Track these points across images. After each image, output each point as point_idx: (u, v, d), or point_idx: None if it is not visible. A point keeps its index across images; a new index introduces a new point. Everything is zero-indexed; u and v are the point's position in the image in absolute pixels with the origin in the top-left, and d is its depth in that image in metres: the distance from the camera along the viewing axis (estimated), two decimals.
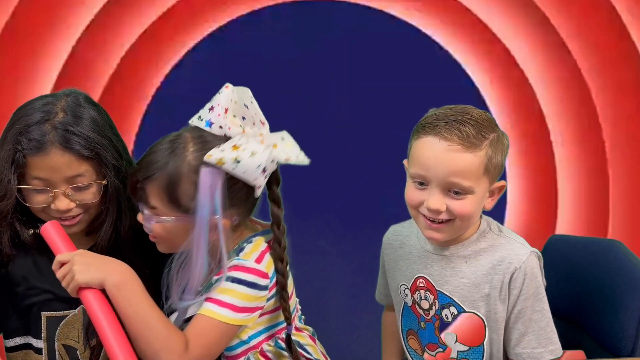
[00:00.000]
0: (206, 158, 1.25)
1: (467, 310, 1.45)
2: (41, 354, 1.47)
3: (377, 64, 2.46)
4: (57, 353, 1.47)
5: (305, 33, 2.45)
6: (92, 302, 1.21)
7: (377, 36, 2.47)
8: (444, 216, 1.40)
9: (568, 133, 2.46)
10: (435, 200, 1.39)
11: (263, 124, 1.33)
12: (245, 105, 1.33)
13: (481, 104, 2.47)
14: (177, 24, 2.48)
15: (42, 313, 1.45)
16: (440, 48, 2.46)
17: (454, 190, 1.39)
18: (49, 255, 1.45)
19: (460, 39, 2.46)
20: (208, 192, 1.25)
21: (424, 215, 1.43)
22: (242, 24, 2.48)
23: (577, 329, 1.65)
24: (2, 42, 2.43)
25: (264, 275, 1.31)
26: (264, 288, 1.31)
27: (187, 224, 1.27)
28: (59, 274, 1.28)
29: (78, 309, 1.47)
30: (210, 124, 1.31)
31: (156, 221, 1.30)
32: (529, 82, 2.45)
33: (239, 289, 1.29)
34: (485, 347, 1.46)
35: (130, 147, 2.47)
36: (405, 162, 1.49)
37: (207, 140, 1.29)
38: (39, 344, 1.46)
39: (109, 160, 1.40)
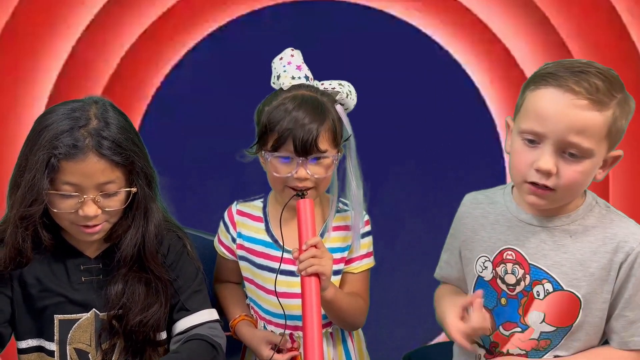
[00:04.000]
0: (338, 97, 1.54)
1: (565, 288, 1.34)
2: (54, 356, 1.46)
3: (377, 64, 2.46)
4: (68, 357, 1.46)
5: (305, 33, 2.44)
6: (314, 290, 1.42)
7: (377, 36, 2.46)
8: (550, 182, 1.26)
9: None
10: (547, 160, 1.25)
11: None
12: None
13: (481, 104, 2.47)
14: (177, 24, 2.48)
15: (55, 316, 1.45)
16: (440, 48, 2.46)
17: (569, 152, 1.25)
18: (65, 260, 1.47)
19: (460, 39, 2.46)
20: (347, 119, 1.54)
21: (528, 182, 1.29)
22: (242, 24, 2.48)
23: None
24: (2, 42, 2.43)
25: None
26: None
27: (337, 161, 1.53)
28: (307, 253, 1.42)
29: (90, 312, 1.46)
30: (307, 77, 1.56)
31: (332, 160, 1.51)
32: None
33: (371, 238, 1.62)
34: (573, 328, 1.35)
35: None
36: (508, 119, 1.38)
37: (319, 88, 1.55)
38: (52, 346, 1.46)
39: (140, 168, 1.41)
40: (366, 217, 1.62)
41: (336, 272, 1.58)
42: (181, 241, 1.53)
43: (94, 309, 1.46)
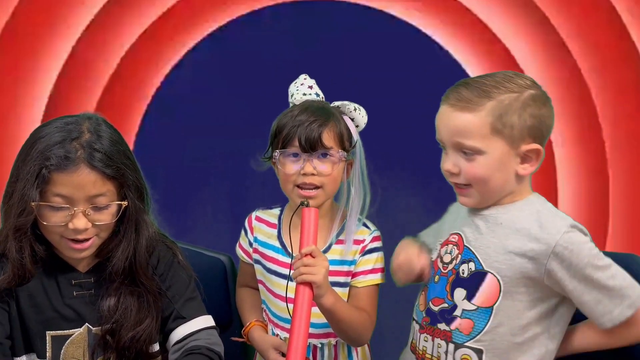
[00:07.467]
0: (346, 110, 1.64)
1: (485, 268, 1.45)
2: None
3: (377, 64, 2.46)
4: None
5: (305, 33, 2.45)
6: (306, 298, 1.46)
7: (377, 36, 2.47)
8: (459, 180, 1.47)
9: (568, 133, 2.46)
10: (446, 161, 1.48)
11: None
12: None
13: None
14: (177, 24, 2.48)
15: (47, 332, 1.44)
16: (440, 48, 2.46)
17: (463, 151, 1.45)
18: (56, 275, 1.46)
19: (460, 39, 2.46)
20: (355, 130, 1.65)
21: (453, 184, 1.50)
22: (242, 24, 2.48)
23: None
24: (2, 42, 2.43)
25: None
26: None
27: (344, 161, 1.62)
28: (300, 261, 1.47)
29: (83, 327, 1.46)
30: (317, 95, 1.66)
31: (338, 158, 1.59)
32: None
33: (380, 255, 1.64)
34: (494, 311, 1.44)
35: (130, 147, 2.47)
36: None
37: (330, 103, 1.66)
38: None
39: (131, 181, 1.42)
40: (376, 233, 1.66)
41: (343, 284, 1.63)
42: (170, 250, 1.53)
43: (86, 323, 1.46)
